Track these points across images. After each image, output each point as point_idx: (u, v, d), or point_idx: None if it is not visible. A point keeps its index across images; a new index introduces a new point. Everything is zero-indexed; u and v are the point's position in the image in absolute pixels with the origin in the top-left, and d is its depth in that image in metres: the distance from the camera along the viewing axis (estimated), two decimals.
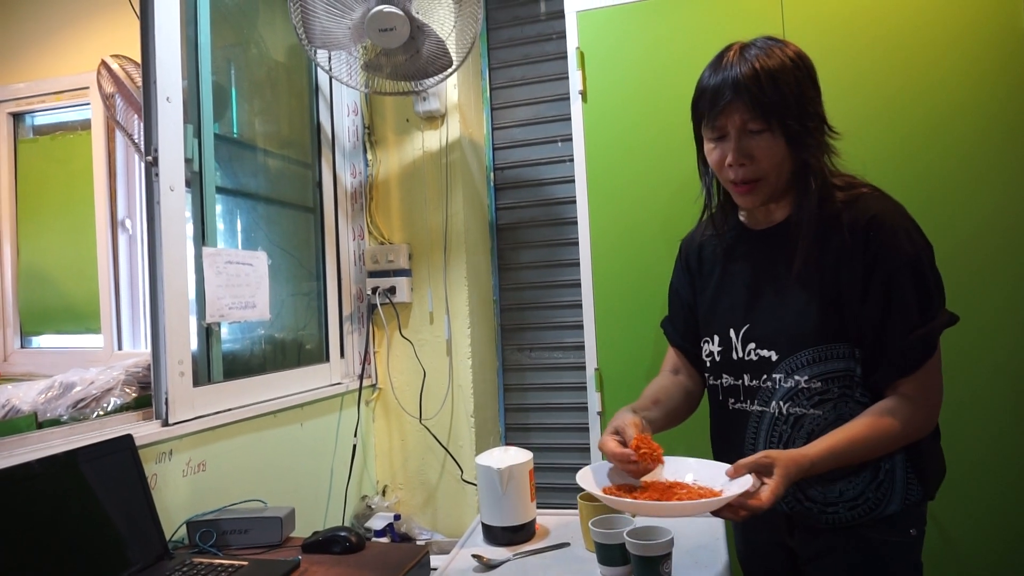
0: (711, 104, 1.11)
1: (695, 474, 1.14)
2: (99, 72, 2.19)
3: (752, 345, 1.17)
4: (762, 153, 1.09)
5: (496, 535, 1.49)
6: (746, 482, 1.01)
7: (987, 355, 1.60)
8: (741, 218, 1.26)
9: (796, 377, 1.11)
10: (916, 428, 1.06)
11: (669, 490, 1.09)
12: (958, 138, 1.62)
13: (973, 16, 1.61)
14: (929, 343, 1.06)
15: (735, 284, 1.23)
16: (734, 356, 1.20)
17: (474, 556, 1.40)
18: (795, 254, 1.13)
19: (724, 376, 1.23)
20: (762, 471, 1.01)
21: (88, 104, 2.42)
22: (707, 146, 1.16)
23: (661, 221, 1.78)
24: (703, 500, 1.01)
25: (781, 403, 1.13)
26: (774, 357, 1.14)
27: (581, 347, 1.89)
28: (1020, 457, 1.58)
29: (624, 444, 1.13)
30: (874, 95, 1.66)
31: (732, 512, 0.99)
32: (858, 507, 1.10)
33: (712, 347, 1.24)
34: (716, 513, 1.01)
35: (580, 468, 1.20)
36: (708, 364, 1.26)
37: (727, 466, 1.08)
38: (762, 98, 1.07)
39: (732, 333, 1.20)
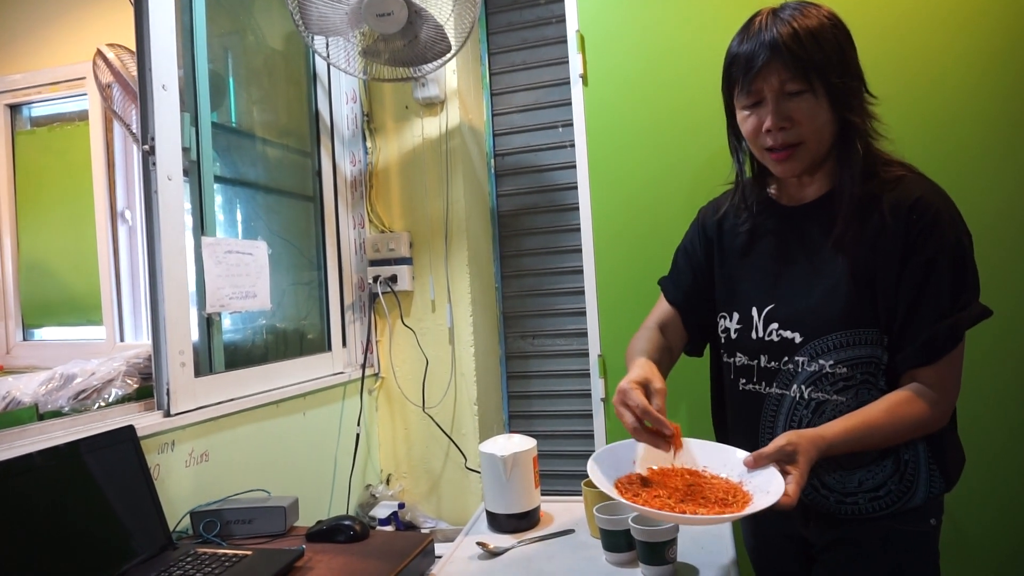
0: (746, 68, 1.06)
1: (705, 461, 1.10)
2: (95, 62, 2.17)
3: (775, 325, 1.13)
4: (802, 116, 1.05)
5: (500, 522, 1.49)
6: (771, 475, 0.97)
7: (1001, 345, 1.58)
8: (771, 192, 1.21)
9: (821, 361, 1.08)
10: (932, 420, 1.04)
11: (692, 488, 1.03)
12: (967, 128, 1.60)
13: (978, 2, 1.58)
14: (956, 333, 1.02)
15: (761, 261, 1.18)
16: (753, 335, 1.16)
17: (479, 544, 1.40)
18: (830, 233, 1.08)
19: (738, 355, 1.19)
20: (785, 460, 0.98)
21: (85, 94, 2.41)
22: (740, 115, 1.12)
23: (663, 205, 1.76)
24: (742, 512, 0.95)
25: (803, 387, 1.10)
26: (798, 339, 1.10)
27: (584, 334, 1.88)
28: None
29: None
30: (881, 83, 1.64)
31: (771, 513, 0.94)
32: (880, 499, 1.08)
33: (729, 324, 1.20)
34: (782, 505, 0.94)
35: (584, 455, 1.17)
36: (723, 340, 1.22)
37: (739, 452, 1.05)
38: (803, 56, 1.02)
39: (755, 311, 1.16)
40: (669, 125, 1.75)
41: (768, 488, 0.96)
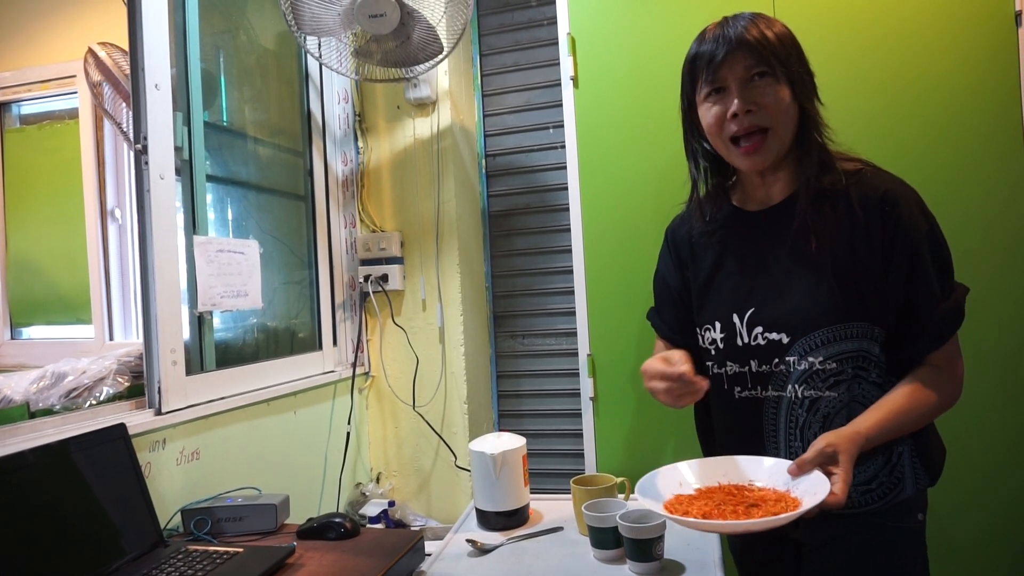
0: (709, 60, 1.10)
1: (751, 476, 1.08)
2: (86, 60, 2.17)
3: (759, 329, 1.13)
4: (767, 99, 1.08)
5: (490, 520, 1.51)
6: (816, 478, 0.97)
7: (989, 344, 1.61)
8: (734, 202, 1.23)
9: (810, 359, 1.09)
10: (949, 396, 1.09)
11: (746, 500, 1.01)
12: (956, 131, 1.62)
13: (964, 2, 1.61)
14: (960, 312, 1.08)
15: (735, 269, 1.19)
16: (739, 342, 1.16)
17: (468, 541, 1.41)
18: (800, 232, 1.10)
19: (728, 364, 1.18)
20: (827, 462, 0.98)
21: (75, 93, 2.40)
22: (703, 109, 1.14)
23: (653, 207, 1.78)
24: (793, 512, 0.93)
25: (796, 386, 1.11)
26: (785, 339, 1.11)
27: (574, 333, 1.90)
28: (1012, 441, 1.60)
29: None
30: (868, 85, 1.66)
31: (809, 513, 0.94)
32: (872, 491, 1.09)
33: (714, 334, 1.19)
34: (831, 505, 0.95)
35: (573, 454, 1.20)
36: (712, 352, 1.21)
37: (780, 462, 1.05)
38: (765, 44, 1.07)
39: (736, 318, 1.16)
40: (659, 127, 1.76)
41: (815, 491, 0.96)
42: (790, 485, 1.01)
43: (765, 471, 1.07)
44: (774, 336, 1.12)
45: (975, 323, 1.59)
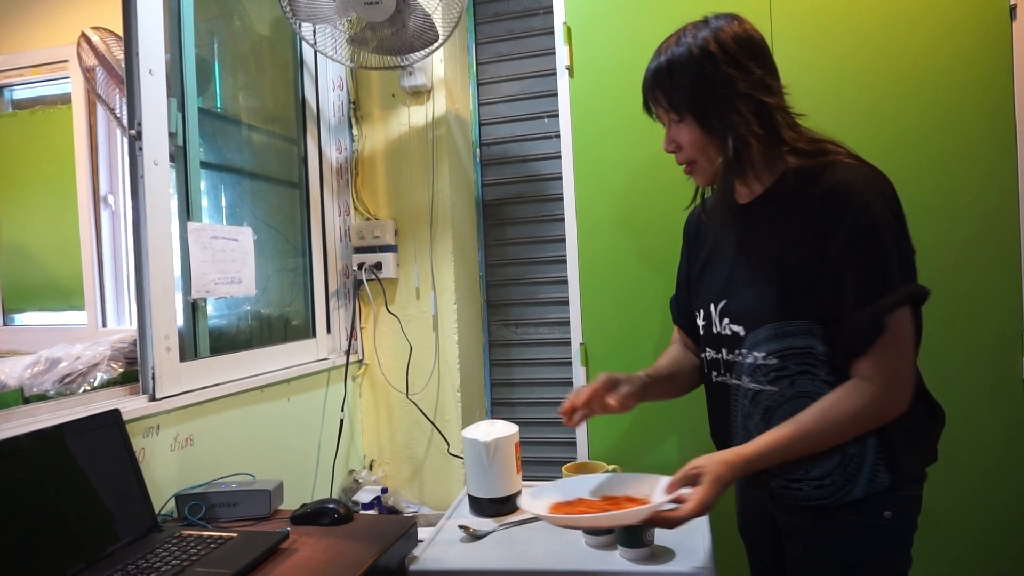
0: (643, 96, 1.20)
1: (634, 491, 1.18)
2: (79, 45, 2.15)
3: (727, 320, 1.18)
4: (684, 140, 1.15)
5: (483, 506, 1.52)
6: (682, 495, 1.03)
7: (975, 336, 1.62)
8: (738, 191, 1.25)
9: (756, 353, 1.12)
10: (874, 413, 1.02)
11: (612, 505, 1.15)
12: (949, 125, 1.63)
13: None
14: (877, 320, 1.00)
15: (720, 258, 1.24)
16: (714, 330, 1.21)
17: (461, 527, 1.42)
18: (766, 229, 1.14)
19: (707, 349, 1.24)
20: (691, 483, 1.03)
21: (68, 78, 2.38)
22: None
23: (647, 197, 1.79)
24: (619, 512, 1.08)
25: (745, 378, 1.15)
26: (742, 332, 1.15)
27: (566, 322, 1.91)
28: (1007, 439, 1.61)
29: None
30: (862, 78, 1.67)
31: (664, 523, 1.02)
32: (824, 487, 1.10)
33: (700, 321, 1.26)
34: (647, 522, 1.04)
35: (565, 442, 1.23)
36: (701, 337, 1.27)
37: (665, 479, 1.11)
38: (670, 91, 1.14)
39: (712, 307, 1.21)
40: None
41: (666, 506, 1.04)
42: (662, 500, 1.06)
43: (659, 489, 1.12)
44: (735, 328, 1.16)
45: (970, 319, 1.62)
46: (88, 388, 1.46)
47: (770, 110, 1.10)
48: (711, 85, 1.10)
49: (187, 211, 1.65)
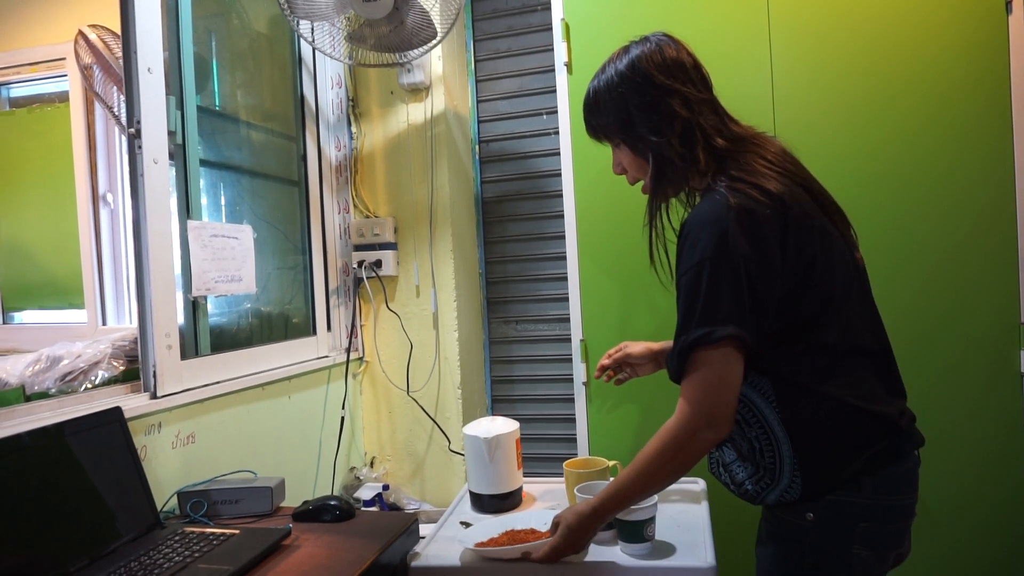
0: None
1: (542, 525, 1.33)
2: (76, 42, 2.14)
3: None
4: (625, 163, 1.23)
5: (484, 503, 1.52)
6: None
7: (972, 330, 1.63)
8: None
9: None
10: (680, 434, 1.04)
11: (526, 540, 1.27)
12: (945, 119, 1.63)
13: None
14: (681, 358, 1.04)
15: None
16: None
17: (462, 523, 1.43)
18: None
19: None
20: (554, 530, 1.19)
21: (65, 76, 2.38)
22: None
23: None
24: (497, 548, 1.23)
25: None
26: None
27: (566, 319, 1.91)
28: (1001, 435, 1.62)
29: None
30: (857, 72, 1.67)
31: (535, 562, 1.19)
32: (747, 492, 1.15)
33: None
34: (524, 558, 1.20)
35: (566, 438, 1.26)
36: None
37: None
38: (598, 121, 1.22)
39: None
40: None
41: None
42: (537, 543, 1.22)
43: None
44: None
45: (967, 314, 1.63)
46: (89, 386, 1.47)
47: (691, 128, 1.13)
48: (630, 110, 1.15)
49: (187, 209, 1.65)
